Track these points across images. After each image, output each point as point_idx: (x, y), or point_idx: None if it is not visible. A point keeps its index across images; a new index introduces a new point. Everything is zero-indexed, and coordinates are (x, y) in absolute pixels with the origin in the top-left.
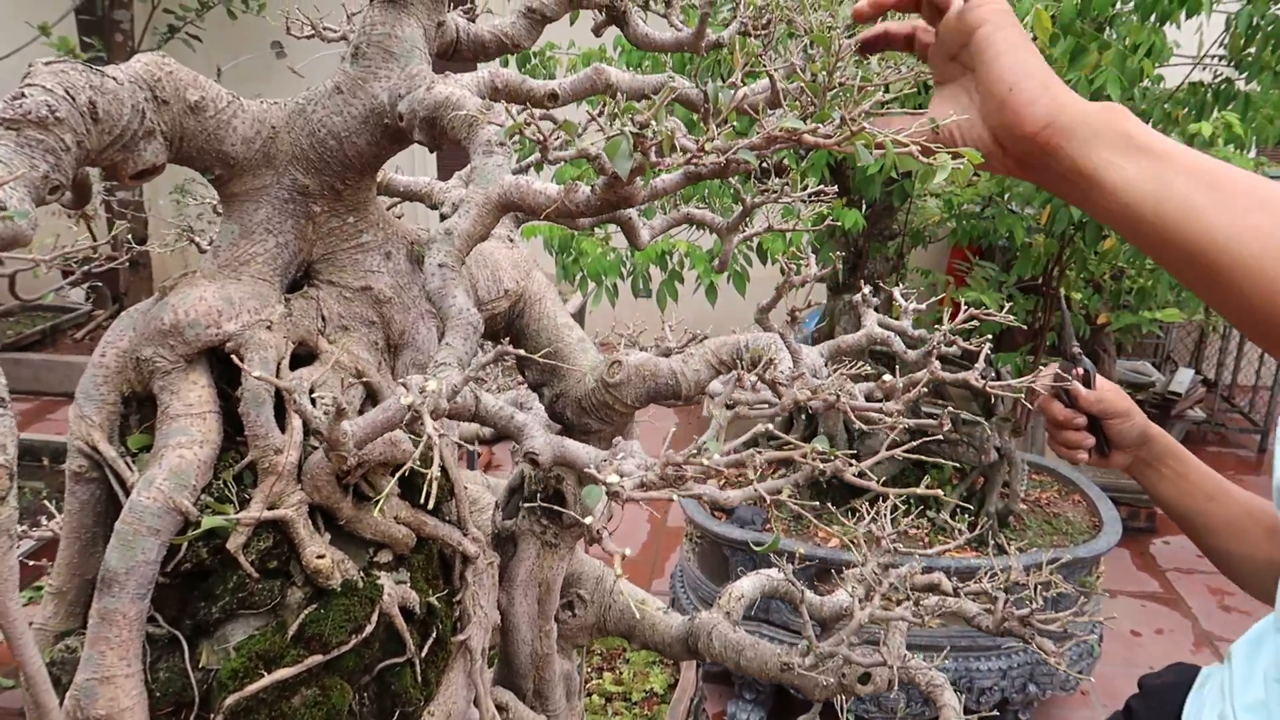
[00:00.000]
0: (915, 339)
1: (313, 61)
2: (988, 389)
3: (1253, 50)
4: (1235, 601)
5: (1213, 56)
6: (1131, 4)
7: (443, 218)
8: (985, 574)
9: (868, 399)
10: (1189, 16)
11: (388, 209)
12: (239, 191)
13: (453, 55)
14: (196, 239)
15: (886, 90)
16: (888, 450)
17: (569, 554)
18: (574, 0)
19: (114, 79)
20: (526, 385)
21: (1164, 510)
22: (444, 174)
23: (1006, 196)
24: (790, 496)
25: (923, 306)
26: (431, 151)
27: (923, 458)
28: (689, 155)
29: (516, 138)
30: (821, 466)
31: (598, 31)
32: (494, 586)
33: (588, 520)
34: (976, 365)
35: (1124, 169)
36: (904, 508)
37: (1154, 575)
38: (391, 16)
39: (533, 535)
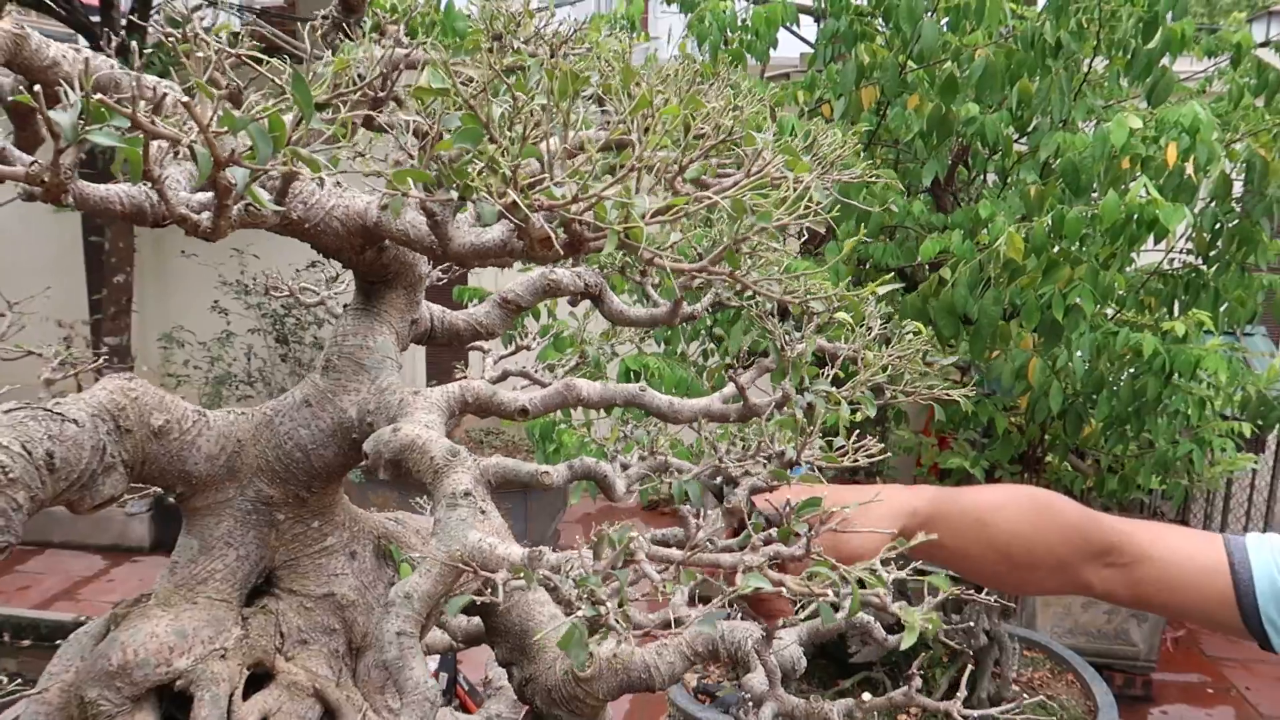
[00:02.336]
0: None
1: None
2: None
3: (1219, 245)
4: None
5: (1180, 250)
6: (1101, 230)
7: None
8: None
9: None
10: (1157, 241)
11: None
12: (200, 506)
13: (427, 342)
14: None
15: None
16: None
17: None
18: (548, 290)
19: (75, 421)
20: (497, 662)
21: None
22: None
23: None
24: None
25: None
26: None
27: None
28: (646, 630)
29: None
30: None
31: (574, 303)
32: None
33: None
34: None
35: None
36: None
37: None
38: (365, 326)
39: None
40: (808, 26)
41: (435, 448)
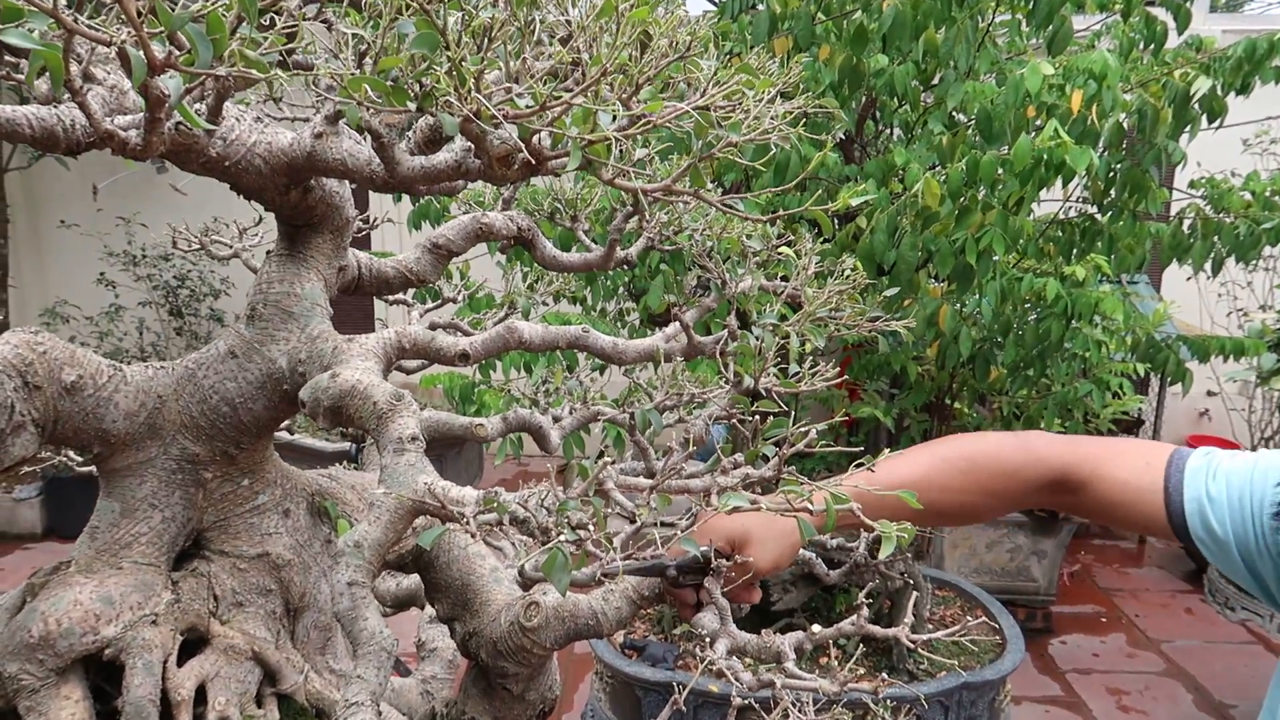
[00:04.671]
0: (835, 552)
1: (195, 179)
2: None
3: (1112, 193)
4: (1132, 701)
5: (1077, 199)
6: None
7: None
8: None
9: (797, 652)
10: (1065, 184)
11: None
12: (119, 467)
13: (354, 291)
14: None
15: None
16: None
17: None
18: (480, 234)
19: None
20: (438, 618)
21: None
22: None
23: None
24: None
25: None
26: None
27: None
28: (627, 554)
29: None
30: None
31: (504, 250)
32: None
33: None
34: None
35: None
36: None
37: (1055, 678)
38: (290, 273)
39: None
40: None
41: (378, 392)
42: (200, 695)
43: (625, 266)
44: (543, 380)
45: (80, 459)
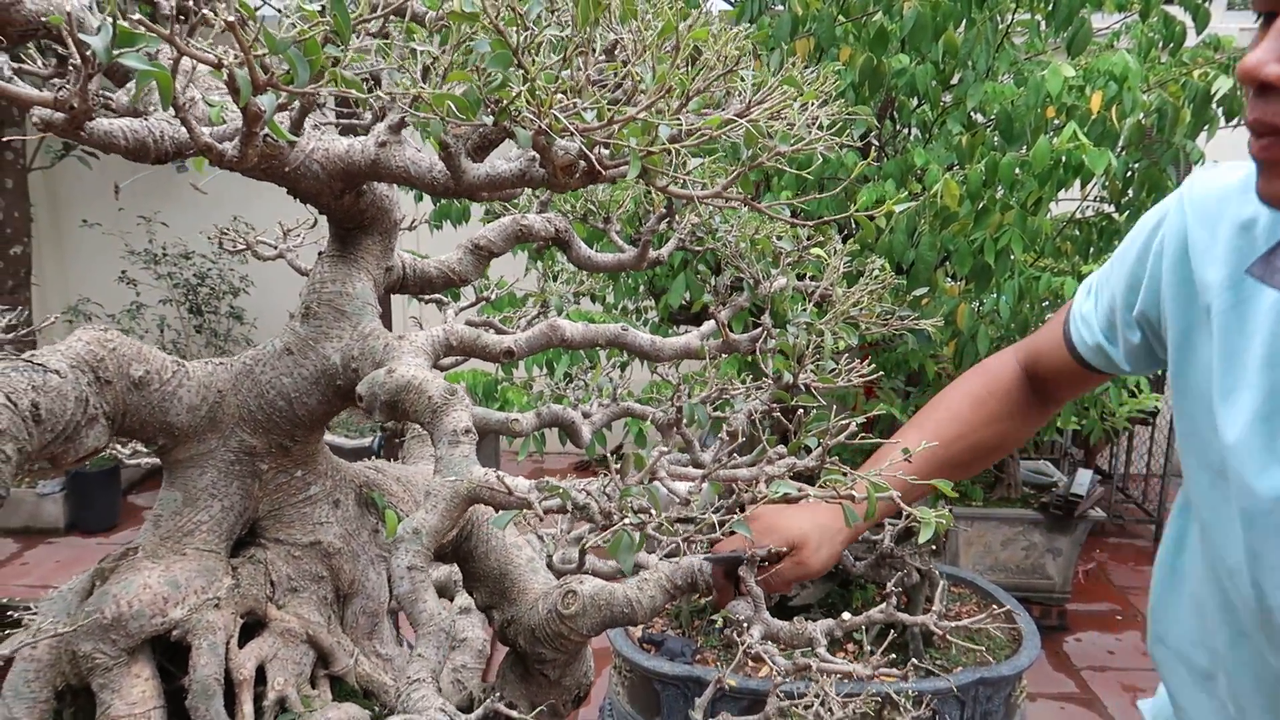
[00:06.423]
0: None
1: (215, 178)
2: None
3: (1130, 193)
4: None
5: (1095, 198)
6: (1031, 173)
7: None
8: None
9: (829, 640)
10: (1083, 185)
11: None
12: (183, 458)
13: (399, 290)
14: None
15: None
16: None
17: None
18: (519, 236)
19: (56, 372)
20: (476, 606)
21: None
22: None
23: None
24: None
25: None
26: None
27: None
28: (686, 535)
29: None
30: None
31: (540, 253)
32: None
33: None
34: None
35: None
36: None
37: (1070, 675)
38: (342, 273)
39: None
40: None
41: (433, 387)
42: (259, 675)
43: (657, 265)
44: (568, 377)
45: (146, 450)
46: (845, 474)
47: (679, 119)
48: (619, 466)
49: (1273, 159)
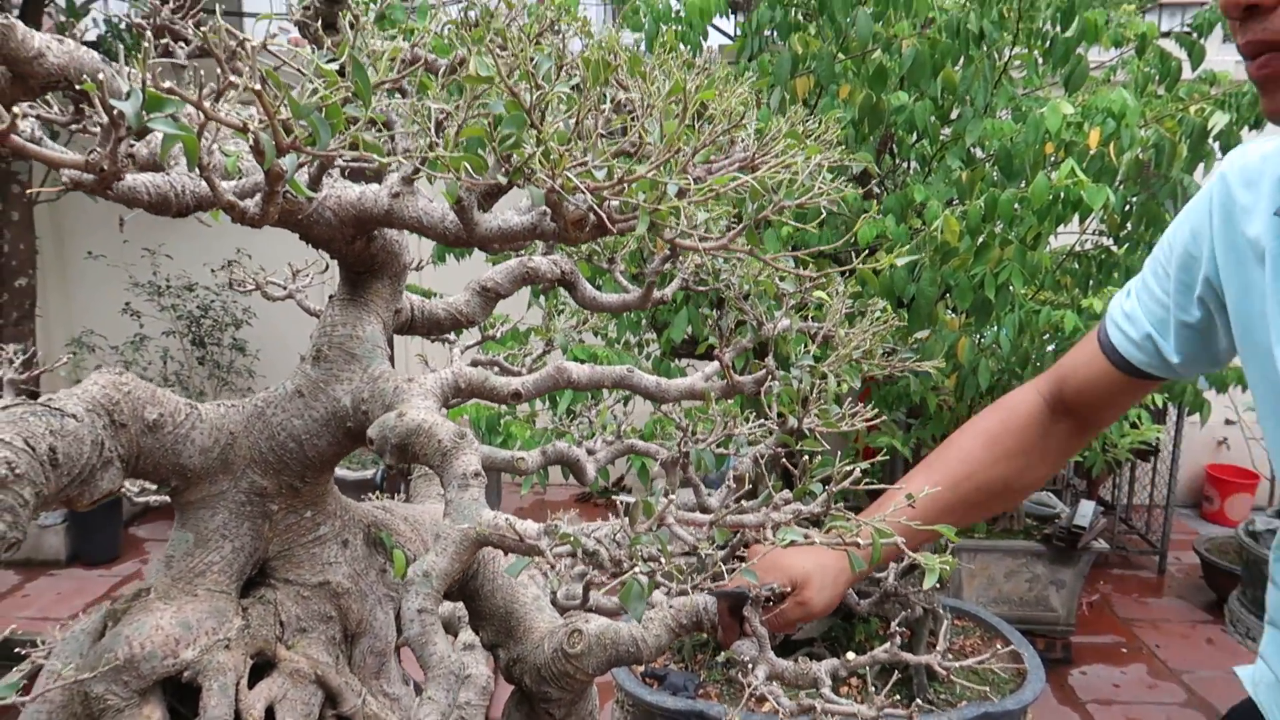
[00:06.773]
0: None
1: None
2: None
3: (1128, 226)
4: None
5: (1093, 232)
6: (1030, 210)
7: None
8: None
9: (833, 679)
10: (1081, 220)
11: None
12: (195, 499)
13: (407, 331)
14: None
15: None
16: None
17: None
18: (526, 278)
19: (73, 416)
20: (482, 644)
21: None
22: None
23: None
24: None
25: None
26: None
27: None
28: (695, 584)
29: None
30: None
31: (545, 293)
32: None
33: None
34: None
35: None
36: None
37: (1075, 708)
38: (353, 316)
39: None
40: (720, 20)
41: (442, 431)
42: (269, 716)
43: (661, 305)
44: (571, 413)
45: (157, 491)
46: (849, 519)
47: (686, 175)
48: (627, 514)
49: (1273, 74)
